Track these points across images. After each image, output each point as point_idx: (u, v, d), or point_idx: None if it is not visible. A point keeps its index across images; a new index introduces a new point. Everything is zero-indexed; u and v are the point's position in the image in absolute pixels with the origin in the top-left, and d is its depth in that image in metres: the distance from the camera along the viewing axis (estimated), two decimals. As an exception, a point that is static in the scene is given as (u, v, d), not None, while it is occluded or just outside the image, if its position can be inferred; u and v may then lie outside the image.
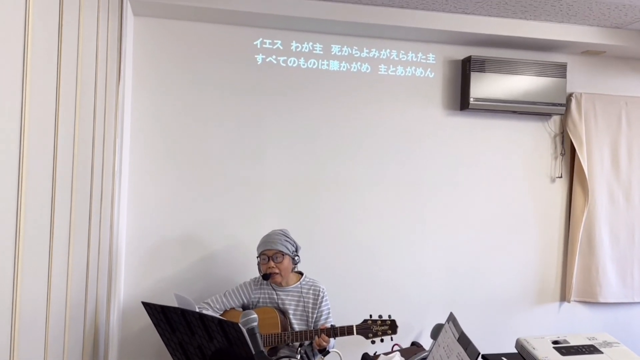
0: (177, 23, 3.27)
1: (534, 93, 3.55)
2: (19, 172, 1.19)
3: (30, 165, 1.27)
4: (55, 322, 1.57)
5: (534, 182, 3.76)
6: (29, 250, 1.27)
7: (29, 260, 1.28)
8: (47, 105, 1.43)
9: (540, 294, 3.78)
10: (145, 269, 3.25)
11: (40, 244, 1.39)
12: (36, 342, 1.38)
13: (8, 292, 1.13)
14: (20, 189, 1.19)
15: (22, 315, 1.21)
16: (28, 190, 1.25)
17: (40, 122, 1.37)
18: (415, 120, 3.58)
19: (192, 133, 3.31)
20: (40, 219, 1.38)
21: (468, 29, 3.37)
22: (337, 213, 3.49)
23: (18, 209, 1.19)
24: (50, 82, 1.45)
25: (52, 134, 1.48)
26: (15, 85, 1.17)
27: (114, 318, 2.91)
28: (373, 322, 2.68)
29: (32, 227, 1.30)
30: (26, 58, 1.22)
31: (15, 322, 1.17)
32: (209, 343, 1.90)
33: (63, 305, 1.67)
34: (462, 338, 1.41)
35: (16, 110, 1.18)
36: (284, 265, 2.84)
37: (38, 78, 1.33)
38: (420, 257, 3.61)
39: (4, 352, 1.12)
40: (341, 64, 3.48)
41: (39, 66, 1.33)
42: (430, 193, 3.61)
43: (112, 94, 2.55)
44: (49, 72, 1.44)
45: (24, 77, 1.21)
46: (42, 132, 1.39)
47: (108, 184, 2.52)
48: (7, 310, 1.13)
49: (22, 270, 1.21)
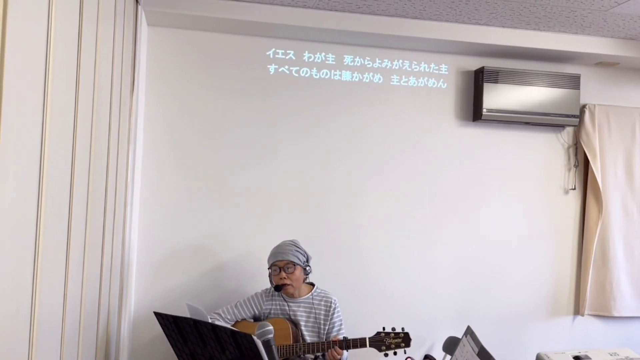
0: (191, 33, 3.28)
1: (547, 104, 3.53)
2: (39, 183, 1.19)
3: (50, 177, 1.27)
4: (70, 331, 1.56)
5: (547, 194, 3.72)
6: (47, 260, 1.27)
7: (47, 270, 1.28)
8: (67, 116, 1.43)
9: (553, 307, 3.73)
10: (156, 279, 3.24)
11: (57, 254, 1.38)
12: (52, 350, 1.37)
13: (27, 301, 1.12)
14: (40, 200, 1.19)
15: (40, 323, 1.21)
16: (47, 200, 1.25)
17: (60, 134, 1.37)
18: (427, 131, 3.57)
19: (204, 143, 3.31)
20: (58, 229, 1.38)
21: (481, 40, 3.37)
22: (348, 224, 3.47)
23: (38, 219, 1.18)
24: (69, 94, 1.45)
25: (70, 146, 1.48)
26: (38, 95, 1.17)
27: (125, 328, 2.90)
28: (386, 335, 2.65)
29: (50, 237, 1.30)
30: (48, 68, 1.23)
31: (34, 330, 1.16)
32: (221, 355, 1.88)
33: (78, 313, 1.66)
34: (482, 352, 1.38)
35: (38, 121, 1.18)
36: (296, 275, 2.82)
37: (59, 89, 1.33)
38: (433, 269, 3.57)
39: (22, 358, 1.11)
40: (353, 75, 3.48)
41: (60, 76, 1.34)
42: (443, 204, 3.58)
43: (126, 104, 2.56)
44: (69, 82, 1.45)
45: (45, 88, 1.21)
46: (61, 143, 1.39)
47: (121, 195, 2.53)
48: (26, 318, 1.12)
49: (40, 279, 1.20)
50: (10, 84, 0.99)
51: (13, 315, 1.04)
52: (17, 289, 1.07)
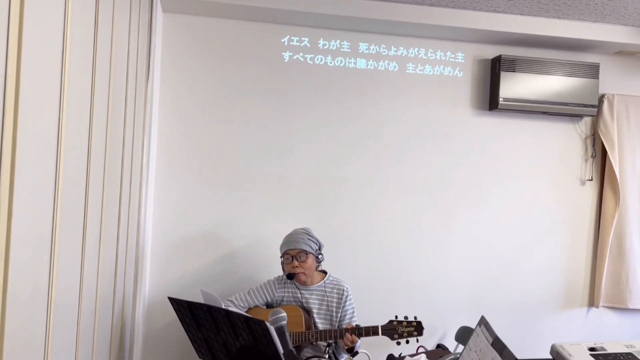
0: (205, 20, 3.27)
1: (565, 94, 3.48)
2: (56, 170, 1.20)
3: (67, 164, 1.28)
4: (86, 316, 1.58)
5: (563, 184, 3.68)
6: (64, 246, 1.28)
7: (64, 256, 1.29)
8: (83, 105, 1.44)
9: (568, 298, 3.70)
10: (171, 265, 3.27)
11: (74, 240, 1.40)
12: (69, 334, 1.39)
13: (44, 287, 1.14)
14: (57, 187, 1.20)
15: (57, 306, 1.22)
16: (64, 187, 1.26)
17: (76, 123, 1.38)
18: (442, 120, 3.54)
19: (218, 131, 3.32)
20: (74, 216, 1.39)
21: (499, 28, 3.32)
22: (361, 212, 3.47)
23: (55, 206, 1.19)
24: (85, 81, 1.45)
25: (87, 134, 1.49)
26: (55, 84, 1.18)
27: (140, 313, 2.93)
28: (399, 323, 2.65)
29: (67, 223, 1.31)
30: (65, 56, 1.23)
31: (51, 313, 1.18)
32: (235, 340, 1.90)
33: (94, 299, 1.68)
34: (497, 342, 1.37)
35: (54, 110, 1.18)
36: (308, 264, 2.82)
37: (75, 76, 1.34)
38: (446, 259, 3.56)
39: (39, 343, 1.13)
40: (368, 62, 3.45)
41: (76, 64, 1.34)
42: (457, 194, 3.56)
43: (141, 91, 2.56)
44: (85, 70, 1.45)
45: (62, 75, 1.22)
46: (77, 131, 1.39)
47: (136, 182, 2.54)
48: (43, 302, 1.14)
49: (57, 265, 1.22)
50: (27, 72, 1.00)
51: (30, 299, 1.05)
52: (34, 273, 1.09)
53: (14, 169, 0.92)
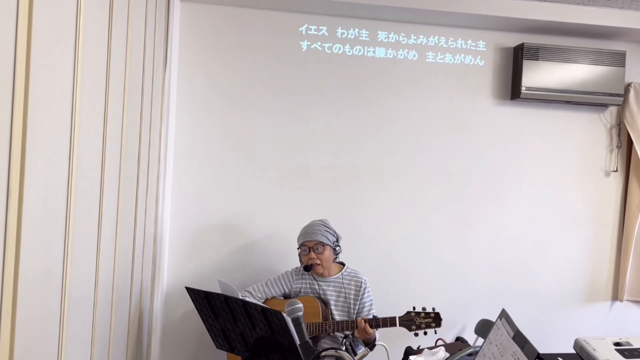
0: (222, 9, 3.25)
1: (590, 82, 3.39)
2: (70, 158, 1.19)
3: (81, 152, 1.28)
4: (103, 305, 1.58)
5: (587, 175, 3.60)
6: (78, 236, 1.28)
7: (78, 246, 1.28)
8: (97, 93, 1.43)
9: (591, 292, 3.63)
10: (188, 256, 3.28)
11: (89, 231, 1.39)
12: (84, 323, 1.39)
13: (57, 275, 1.13)
14: (70, 175, 1.19)
15: (72, 296, 1.22)
16: (78, 176, 1.25)
17: (90, 111, 1.37)
18: (463, 110, 3.48)
19: (236, 121, 3.30)
20: (89, 206, 1.39)
21: (521, 15, 3.24)
22: (379, 203, 3.43)
23: (68, 194, 1.19)
24: (100, 70, 1.44)
25: (102, 121, 1.48)
26: (68, 70, 1.16)
27: (158, 302, 2.94)
28: (416, 315, 2.62)
29: (81, 213, 1.30)
30: (78, 45, 1.22)
31: (65, 303, 1.17)
32: (252, 331, 1.89)
33: (110, 288, 1.69)
34: (518, 336, 1.34)
35: (68, 95, 1.17)
36: (325, 256, 2.80)
37: (90, 64, 1.33)
38: (466, 251, 3.51)
39: (53, 331, 1.13)
40: (387, 51, 3.40)
41: (90, 52, 1.33)
42: (478, 185, 3.51)
43: (158, 80, 2.56)
44: (100, 58, 1.44)
45: (75, 64, 1.20)
46: (91, 120, 1.39)
47: (154, 173, 2.54)
48: (57, 292, 1.13)
49: (71, 254, 1.21)
50: (38, 63, 0.98)
51: (43, 287, 1.05)
52: (47, 261, 1.08)
53: (24, 156, 0.91)
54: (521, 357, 1.24)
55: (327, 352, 2.08)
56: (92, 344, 1.48)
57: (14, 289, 0.89)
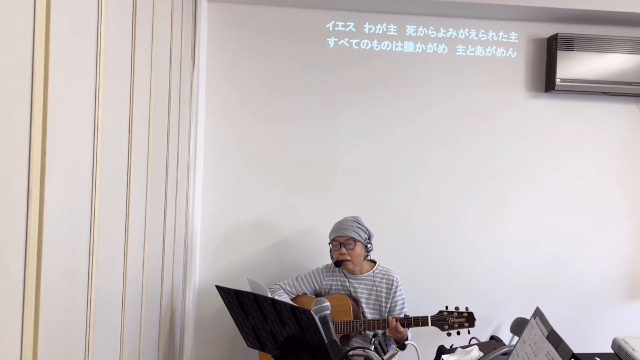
0: (249, 8, 3.26)
1: (629, 72, 3.27)
2: (94, 158, 1.20)
3: (105, 153, 1.28)
4: (131, 304, 1.60)
5: (626, 169, 3.48)
6: (104, 237, 1.29)
7: (104, 246, 1.30)
8: (122, 93, 1.44)
9: (631, 290, 3.50)
10: (220, 253, 3.30)
11: (115, 231, 1.40)
12: (112, 322, 1.40)
13: (83, 275, 1.14)
14: (94, 175, 1.20)
15: (98, 296, 1.23)
16: (102, 176, 1.26)
17: (115, 110, 1.38)
18: (495, 104, 3.40)
19: (265, 119, 3.31)
20: (115, 205, 1.40)
21: (555, 5, 3.14)
22: (412, 200, 3.38)
23: (93, 195, 1.20)
24: (124, 72, 1.45)
25: (127, 121, 1.49)
26: (90, 74, 1.17)
27: (190, 300, 2.97)
28: (449, 314, 2.57)
29: (106, 214, 1.31)
30: (99, 50, 1.22)
31: (91, 304, 1.18)
32: (281, 329, 1.88)
33: (139, 288, 1.70)
34: (552, 335, 1.29)
35: (90, 98, 1.18)
36: (356, 252, 2.78)
37: (112, 68, 1.33)
38: (500, 248, 3.44)
39: (80, 331, 1.14)
40: (416, 45, 3.35)
41: (112, 56, 1.33)
42: (512, 181, 3.42)
43: (187, 81, 2.57)
44: (123, 61, 1.45)
45: (97, 67, 1.21)
46: (117, 119, 1.40)
47: (183, 171, 2.56)
48: (82, 292, 1.14)
49: (97, 255, 1.22)
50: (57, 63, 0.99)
51: (67, 286, 1.06)
52: (71, 260, 1.09)
53: (44, 156, 0.92)
54: (555, 357, 1.19)
55: (355, 351, 2.06)
56: (121, 344, 1.49)
57: (37, 290, 0.90)
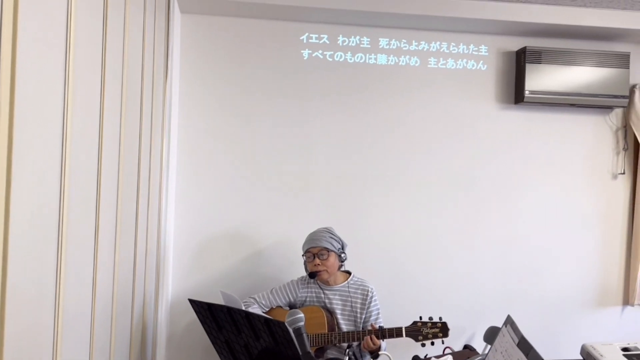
0: (224, 19, 3.26)
1: (595, 85, 3.36)
2: (62, 168, 1.18)
3: (73, 161, 1.26)
4: (101, 318, 1.57)
5: (594, 179, 3.56)
6: (72, 247, 1.26)
7: (73, 257, 1.27)
8: (91, 103, 1.42)
9: (601, 297, 3.58)
10: (193, 266, 3.26)
11: (84, 241, 1.38)
12: (81, 336, 1.37)
13: (50, 286, 1.12)
14: (62, 185, 1.18)
15: (66, 309, 1.20)
16: (71, 186, 1.24)
17: (84, 120, 1.36)
18: (467, 115, 3.46)
19: (239, 130, 3.30)
20: (84, 215, 1.37)
21: (523, 19, 3.22)
22: (385, 211, 3.40)
23: (61, 206, 1.17)
24: (94, 81, 1.44)
25: (97, 131, 1.47)
26: (58, 83, 1.15)
27: (162, 314, 2.93)
28: (423, 324, 2.58)
29: (75, 224, 1.29)
30: (68, 57, 1.21)
31: (59, 316, 1.16)
32: (256, 342, 1.86)
33: (109, 301, 1.67)
34: (523, 343, 1.31)
35: (59, 108, 1.16)
36: (330, 262, 2.78)
37: (81, 77, 1.32)
38: (473, 257, 3.48)
39: (47, 345, 1.11)
40: (389, 58, 3.39)
41: (82, 65, 1.32)
42: (483, 191, 3.47)
43: (159, 91, 2.56)
44: (93, 71, 1.43)
45: (66, 75, 1.19)
46: (86, 127, 1.38)
47: (155, 181, 2.53)
48: (50, 304, 1.12)
49: (65, 266, 1.20)
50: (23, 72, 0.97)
51: (34, 299, 1.03)
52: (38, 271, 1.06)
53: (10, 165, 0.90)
54: (526, 365, 1.21)
55: (330, 362, 2.05)
56: (90, 357, 1.46)
57: (2, 299, 0.87)
